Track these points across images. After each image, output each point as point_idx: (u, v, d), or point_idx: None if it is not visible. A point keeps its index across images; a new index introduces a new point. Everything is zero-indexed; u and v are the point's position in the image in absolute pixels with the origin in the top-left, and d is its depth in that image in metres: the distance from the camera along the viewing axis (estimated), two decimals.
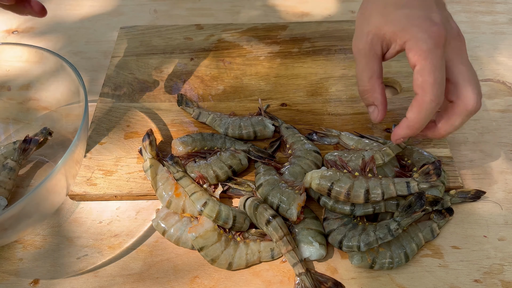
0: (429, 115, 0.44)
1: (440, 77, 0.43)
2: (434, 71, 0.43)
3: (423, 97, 0.43)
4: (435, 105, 0.43)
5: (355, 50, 0.48)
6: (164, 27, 0.75)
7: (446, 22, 0.45)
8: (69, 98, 0.55)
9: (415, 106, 0.44)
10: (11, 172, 0.54)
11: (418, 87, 0.44)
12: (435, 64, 0.43)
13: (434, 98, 0.43)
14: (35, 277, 0.48)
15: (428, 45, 0.43)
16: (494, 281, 0.46)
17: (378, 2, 0.47)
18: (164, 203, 0.51)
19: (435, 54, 0.43)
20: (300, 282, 0.46)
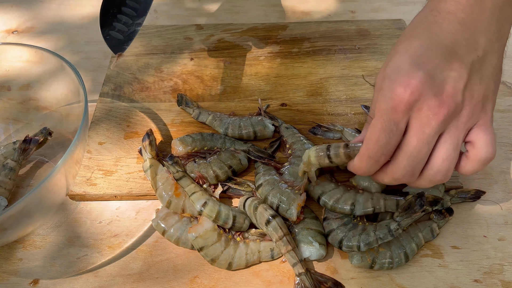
0: (368, 167, 0.43)
1: (383, 140, 0.40)
2: (379, 131, 0.40)
3: (364, 150, 0.42)
4: (373, 161, 0.42)
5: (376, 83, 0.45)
6: (164, 27, 0.75)
7: (431, 87, 0.39)
8: (69, 98, 0.55)
9: (358, 155, 0.44)
10: (11, 172, 0.54)
11: (365, 140, 0.42)
12: (382, 126, 0.40)
13: (372, 156, 0.42)
14: (35, 277, 0.48)
15: (387, 104, 0.40)
16: (494, 281, 0.46)
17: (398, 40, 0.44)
18: (164, 203, 0.51)
19: (387, 116, 0.40)
20: (300, 282, 0.46)
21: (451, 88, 0.40)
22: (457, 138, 0.41)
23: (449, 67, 0.40)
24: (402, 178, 0.43)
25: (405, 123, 0.41)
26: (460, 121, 0.41)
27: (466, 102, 0.41)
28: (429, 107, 0.39)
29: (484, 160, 0.42)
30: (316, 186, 0.51)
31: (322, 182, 0.52)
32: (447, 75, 0.40)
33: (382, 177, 0.44)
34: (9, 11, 0.81)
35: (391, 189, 0.52)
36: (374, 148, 0.41)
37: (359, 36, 0.72)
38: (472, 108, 0.41)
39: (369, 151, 0.42)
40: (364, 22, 0.74)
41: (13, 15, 0.80)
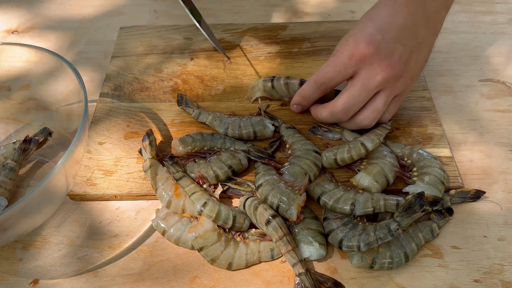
0: (310, 91, 0.56)
1: (331, 74, 0.52)
2: (331, 67, 0.52)
3: (313, 77, 0.55)
4: (316, 87, 0.55)
5: None
6: (164, 27, 0.75)
7: (385, 51, 0.50)
8: (69, 98, 0.55)
9: (307, 81, 0.56)
10: (11, 172, 0.54)
11: (318, 70, 0.54)
12: (335, 64, 0.52)
13: (317, 81, 0.54)
14: (35, 277, 0.48)
15: (348, 51, 0.50)
16: (494, 281, 0.46)
17: (362, 17, 0.54)
18: (164, 203, 0.51)
19: (341, 59, 0.51)
20: (300, 282, 0.46)
21: (398, 57, 0.51)
22: (388, 97, 0.53)
23: (399, 41, 0.51)
24: (338, 114, 0.54)
25: (352, 72, 0.52)
26: (395, 86, 0.52)
27: (403, 73, 0.52)
28: (379, 64, 0.50)
29: (383, 120, 0.56)
30: (316, 186, 0.51)
31: (322, 182, 0.52)
32: (397, 47, 0.51)
33: (321, 111, 0.56)
34: (9, 11, 0.81)
35: (391, 189, 0.52)
36: (320, 76, 0.53)
37: None
38: (405, 80, 0.53)
39: (316, 77, 0.54)
40: None
41: (13, 15, 0.80)
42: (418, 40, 0.52)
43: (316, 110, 0.57)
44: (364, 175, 0.52)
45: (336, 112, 0.54)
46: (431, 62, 0.69)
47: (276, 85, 0.60)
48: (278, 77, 0.61)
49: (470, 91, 0.65)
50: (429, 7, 0.53)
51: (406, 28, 0.51)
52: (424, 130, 0.59)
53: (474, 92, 0.65)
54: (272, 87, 0.61)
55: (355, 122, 0.55)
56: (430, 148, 0.57)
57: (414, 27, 0.52)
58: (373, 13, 0.53)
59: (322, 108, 0.56)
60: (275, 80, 0.61)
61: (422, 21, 0.52)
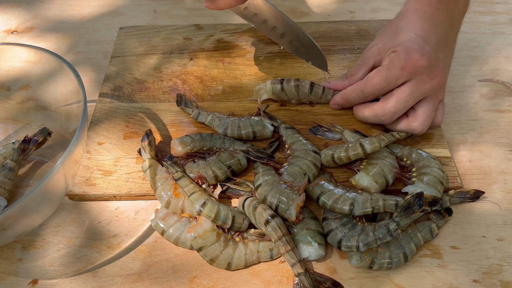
0: (356, 97, 0.57)
1: (381, 85, 0.53)
2: (382, 77, 0.53)
3: (361, 85, 0.55)
4: (363, 95, 0.56)
5: (363, 53, 0.59)
6: (164, 27, 0.75)
7: (434, 61, 0.52)
8: (68, 98, 0.55)
9: (353, 86, 0.57)
10: (11, 172, 0.54)
11: (366, 77, 0.55)
12: (387, 75, 0.53)
13: (364, 91, 0.55)
14: (34, 277, 0.48)
15: (400, 62, 0.52)
16: (493, 281, 0.46)
17: (395, 25, 0.56)
18: (163, 203, 0.51)
19: (394, 72, 0.52)
20: (299, 282, 0.46)
21: (442, 66, 0.53)
22: (436, 103, 0.55)
23: (440, 50, 0.53)
24: (382, 116, 0.55)
25: (403, 82, 0.53)
26: (440, 93, 0.55)
27: (444, 81, 0.54)
28: (428, 74, 0.52)
29: (437, 123, 0.57)
30: (315, 186, 0.51)
31: (321, 182, 0.52)
32: (440, 56, 0.53)
33: (363, 110, 0.57)
34: (9, 11, 0.81)
35: (390, 189, 0.52)
36: (370, 87, 0.54)
37: (358, 36, 0.72)
38: (444, 87, 0.56)
39: (364, 87, 0.55)
40: (364, 22, 0.74)
41: (13, 15, 0.80)
42: (449, 46, 0.56)
43: (358, 109, 0.58)
44: (363, 175, 0.52)
45: (381, 115, 0.55)
46: None
47: (286, 87, 0.60)
48: (288, 79, 0.60)
49: (470, 91, 0.65)
50: (454, 15, 0.55)
51: (441, 37, 0.54)
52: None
53: (474, 92, 0.65)
54: (282, 89, 0.60)
55: (407, 128, 0.55)
56: (429, 148, 0.57)
57: (446, 35, 0.55)
58: (408, 23, 0.55)
59: (365, 107, 0.57)
60: (285, 82, 0.60)
61: (449, 28, 0.55)
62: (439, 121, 0.57)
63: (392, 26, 0.57)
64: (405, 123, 0.55)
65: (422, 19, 0.54)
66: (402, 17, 0.56)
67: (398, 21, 0.56)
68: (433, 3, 0.55)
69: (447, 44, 0.55)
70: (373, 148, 0.52)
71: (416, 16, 0.55)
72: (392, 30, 0.56)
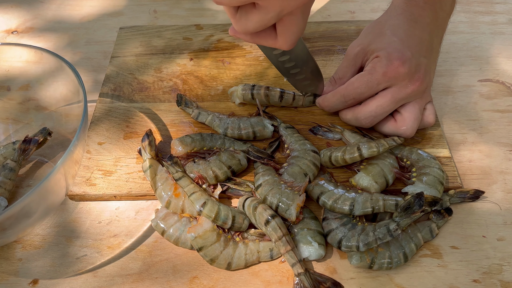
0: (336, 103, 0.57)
1: (362, 90, 0.53)
2: (363, 82, 0.53)
3: (342, 89, 0.55)
4: (344, 100, 0.56)
5: (347, 52, 0.58)
6: (164, 27, 0.75)
7: (415, 67, 0.52)
8: (68, 98, 0.55)
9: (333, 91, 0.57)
10: (11, 172, 0.54)
11: (347, 82, 0.55)
12: (368, 80, 0.53)
13: (345, 95, 0.55)
14: (35, 277, 0.48)
15: (382, 68, 0.52)
16: (493, 281, 0.47)
17: (381, 25, 0.56)
18: (163, 203, 0.51)
19: (375, 77, 0.52)
20: (299, 282, 0.46)
21: (424, 70, 0.53)
22: (422, 106, 0.55)
23: (422, 55, 0.54)
24: (362, 120, 0.55)
25: (384, 87, 0.53)
26: (425, 96, 0.55)
27: (428, 84, 0.55)
28: (410, 80, 0.52)
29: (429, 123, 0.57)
30: (315, 186, 0.51)
31: (321, 182, 0.52)
32: (422, 61, 0.53)
33: (346, 113, 0.57)
34: (9, 11, 0.81)
35: (390, 189, 0.52)
36: (351, 91, 0.54)
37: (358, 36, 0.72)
38: (429, 90, 0.56)
39: (345, 91, 0.55)
40: (364, 22, 0.74)
41: (13, 15, 0.80)
42: (433, 49, 0.56)
43: (341, 112, 0.58)
44: (363, 175, 0.52)
45: (362, 119, 0.55)
46: None
47: (256, 95, 0.60)
48: (259, 87, 0.60)
49: (470, 91, 0.65)
50: (439, 17, 0.56)
51: (425, 40, 0.54)
52: (423, 131, 0.59)
53: (474, 92, 0.65)
54: (252, 98, 0.60)
55: (396, 132, 0.55)
56: (429, 148, 0.57)
57: (430, 38, 0.55)
58: (393, 25, 0.55)
59: (347, 110, 0.57)
60: (255, 89, 0.60)
61: (435, 31, 0.56)
62: (431, 121, 0.57)
63: (378, 26, 0.56)
64: (394, 127, 0.55)
65: (408, 22, 0.54)
66: (389, 17, 0.56)
67: (385, 20, 0.56)
68: (420, 3, 0.55)
69: (431, 47, 0.55)
70: (370, 153, 0.51)
71: (402, 18, 0.55)
72: (378, 30, 0.56)
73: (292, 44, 0.43)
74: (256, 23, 0.40)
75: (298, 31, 0.42)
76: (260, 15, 0.39)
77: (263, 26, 0.40)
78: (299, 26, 0.42)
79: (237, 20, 0.40)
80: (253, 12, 0.39)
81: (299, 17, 0.41)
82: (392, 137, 0.54)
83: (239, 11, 0.40)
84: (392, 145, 0.53)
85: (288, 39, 0.43)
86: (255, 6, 0.39)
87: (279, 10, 0.38)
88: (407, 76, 0.52)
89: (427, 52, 0.55)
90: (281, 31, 0.42)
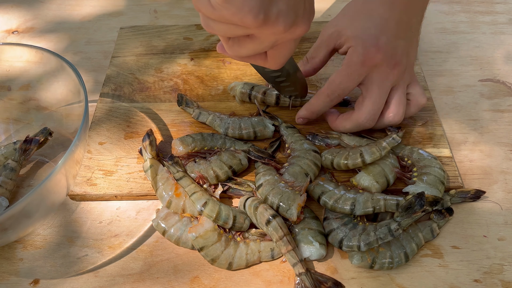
0: (323, 104, 0.55)
1: (345, 84, 0.53)
2: (344, 76, 0.52)
3: (324, 89, 0.54)
4: (329, 100, 0.55)
5: (321, 32, 0.57)
6: (164, 27, 0.75)
7: (391, 50, 0.51)
8: (69, 98, 0.55)
9: (316, 94, 0.55)
10: (12, 172, 0.54)
11: (328, 81, 0.54)
12: (348, 73, 0.52)
13: (330, 94, 0.54)
14: (35, 277, 0.48)
15: (358, 58, 0.51)
16: (494, 281, 0.47)
17: (358, 7, 0.55)
18: (164, 203, 0.51)
19: (354, 68, 0.52)
20: (300, 282, 0.46)
21: (401, 52, 0.52)
22: (404, 89, 0.55)
23: (399, 36, 0.53)
24: (365, 123, 0.54)
25: (365, 76, 0.52)
26: (405, 77, 0.54)
27: (407, 65, 0.54)
28: (388, 65, 0.52)
29: (421, 104, 0.56)
30: (316, 186, 0.51)
31: (322, 182, 0.52)
32: (399, 43, 0.52)
33: (344, 124, 0.56)
34: (9, 11, 0.81)
35: (391, 189, 0.53)
36: (334, 88, 0.53)
37: None
38: (409, 70, 0.55)
39: (328, 90, 0.54)
40: None
41: (13, 15, 0.80)
42: (412, 30, 0.55)
43: (337, 123, 0.57)
44: (364, 175, 0.52)
45: (364, 122, 0.54)
46: (431, 62, 0.69)
47: (253, 97, 0.61)
48: (257, 89, 0.61)
49: (470, 91, 0.65)
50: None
51: (402, 21, 0.53)
52: (424, 130, 0.59)
53: (474, 92, 0.65)
54: (250, 99, 0.62)
55: (386, 121, 0.55)
56: (430, 148, 0.57)
57: (408, 18, 0.54)
58: (369, 9, 0.53)
59: (344, 120, 0.56)
60: (253, 92, 0.61)
61: (413, 10, 0.54)
62: (423, 101, 0.56)
63: (355, 8, 0.55)
64: (381, 117, 0.55)
65: (384, 4, 0.53)
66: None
67: (361, 3, 0.55)
68: None
69: (409, 27, 0.54)
70: (373, 159, 0.52)
71: (378, 1, 0.54)
72: (354, 12, 0.55)
73: (282, 65, 0.44)
74: (250, 50, 0.40)
75: (289, 54, 0.42)
76: (254, 44, 0.39)
77: (256, 53, 0.40)
78: (290, 49, 0.42)
79: (230, 46, 0.40)
80: (247, 41, 0.39)
81: (292, 43, 0.41)
82: (391, 135, 0.54)
83: (232, 38, 0.40)
84: (393, 144, 0.53)
85: (278, 61, 0.43)
86: (250, 36, 0.38)
87: (274, 41, 0.39)
88: (384, 61, 0.51)
89: (403, 32, 0.53)
90: (272, 54, 0.42)
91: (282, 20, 0.35)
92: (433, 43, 0.72)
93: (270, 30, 0.36)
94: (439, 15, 0.77)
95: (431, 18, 0.77)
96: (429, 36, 0.74)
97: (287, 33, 0.36)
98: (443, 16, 0.77)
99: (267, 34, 0.37)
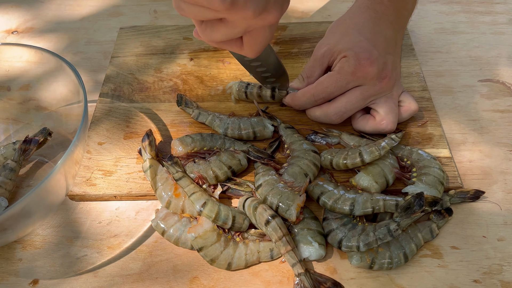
0: (306, 101, 0.57)
1: (331, 89, 0.54)
2: (332, 81, 0.54)
3: (311, 88, 0.56)
4: (313, 99, 0.56)
5: (314, 51, 0.58)
6: (164, 27, 0.75)
7: (382, 65, 0.53)
8: (68, 98, 0.55)
9: (302, 90, 0.57)
10: (12, 172, 0.54)
11: (317, 81, 0.56)
12: (337, 79, 0.54)
13: (315, 94, 0.56)
14: (35, 277, 0.48)
15: (350, 68, 0.53)
16: (493, 282, 0.47)
17: (346, 24, 0.57)
18: (163, 203, 0.51)
19: (344, 76, 0.53)
20: (299, 282, 0.46)
21: (390, 67, 0.55)
22: (396, 99, 0.57)
23: (388, 52, 0.55)
24: (332, 116, 0.56)
25: (353, 86, 0.54)
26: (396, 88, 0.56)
27: (396, 78, 0.56)
28: (377, 78, 0.53)
29: (413, 110, 0.57)
30: (316, 186, 0.51)
31: (321, 182, 0.52)
32: (388, 57, 0.55)
33: (314, 110, 0.58)
34: (9, 11, 0.81)
35: (390, 190, 0.52)
36: (320, 90, 0.55)
37: None
38: (398, 82, 0.57)
39: (315, 90, 0.56)
40: None
41: (13, 15, 0.80)
42: (397, 44, 0.58)
43: (309, 110, 0.59)
44: (363, 176, 0.52)
45: (331, 114, 0.56)
46: (431, 62, 0.69)
47: (249, 94, 0.62)
48: (252, 86, 0.62)
49: (470, 91, 0.65)
50: (402, 15, 0.58)
51: (390, 37, 0.56)
52: (424, 131, 0.59)
53: (474, 93, 0.65)
54: (246, 97, 0.62)
55: (378, 130, 0.56)
56: (429, 148, 0.57)
57: (394, 34, 0.57)
58: (359, 23, 0.56)
59: (316, 108, 0.58)
60: (249, 89, 0.62)
61: (397, 28, 0.57)
62: (415, 108, 0.57)
63: (343, 25, 0.57)
64: (374, 125, 0.56)
65: (373, 20, 0.56)
66: (354, 15, 0.57)
67: (350, 19, 0.57)
68: (384, 1, 0.56)
69: (395, 43, 0.57)
70: (372, 158, 0.52)
71: (366, 16, 0.56)
72: (343, 29, 0.56)
73: (258, 53, 0.43)
74: (222, 35, 0.39)
75: (264, 41, 0.42)
76: (227, 29, 0.38)
77: (229, 38, 0.40)
78: (266, 37, 0.42)
79: (203, 30, 0.40)
80: (220, 25, 0.38)
81: (266, 30, 0.41)
82: (390, 135, 0.54)
83: (204, 22, 0.39)
84: (392, 144, 0.53)
85: (254, 48, 0.42)
86: (222, 20, 0.38)
87: (246, 26, 0.38)
88: (375, 75, 0.53)
89: (392, 48, 0.56)
90: (247, 41, 0.42)
91: (251, 5, 0.35)
92: (433, 43, 0.72)
93: (239, 15, 0.35)
94: (439, 15, 0.77)
95: (431, 18, 0.77)
96: (429, 36, 0.74)
97: (258, 19, 0.36)
98: (442, 16, 0.77)
99: (237, 19, 0.37)
